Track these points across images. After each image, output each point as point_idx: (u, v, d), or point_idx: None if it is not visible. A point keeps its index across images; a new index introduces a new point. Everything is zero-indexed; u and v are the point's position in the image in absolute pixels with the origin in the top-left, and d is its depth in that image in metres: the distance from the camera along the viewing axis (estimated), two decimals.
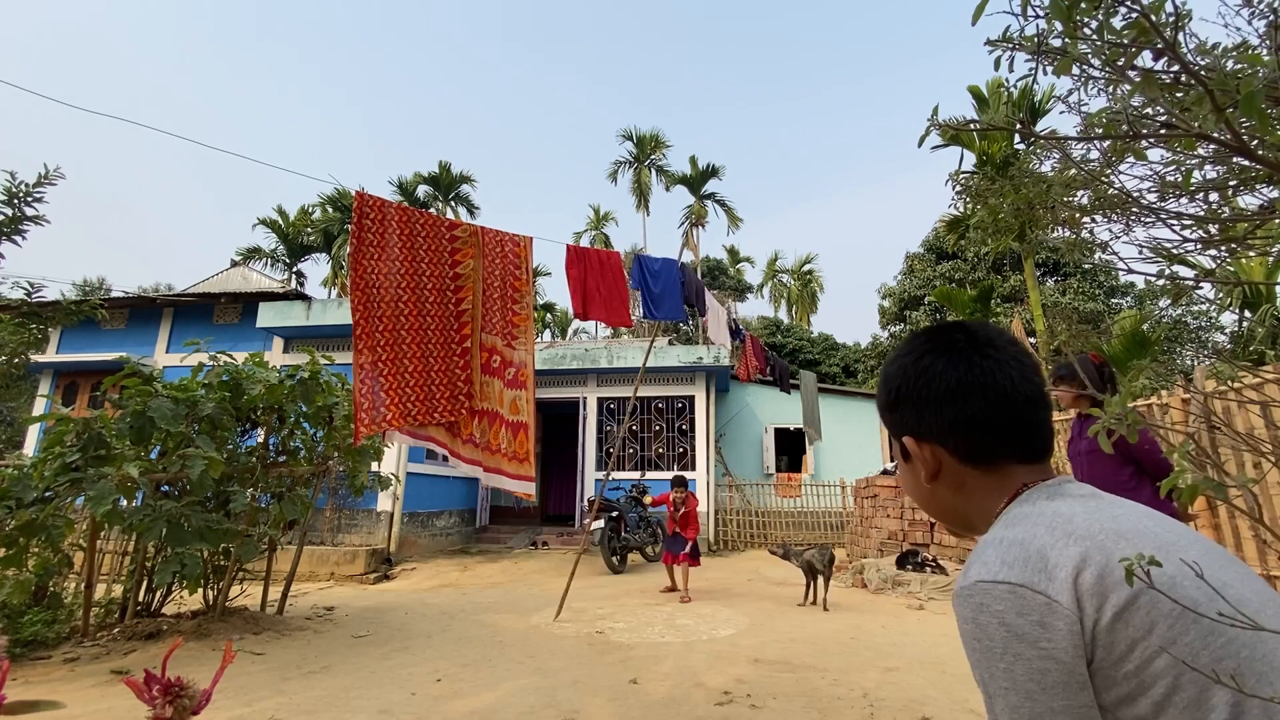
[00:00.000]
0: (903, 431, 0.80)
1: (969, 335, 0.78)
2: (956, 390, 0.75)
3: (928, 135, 1.38)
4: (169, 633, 4.23)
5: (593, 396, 12.34)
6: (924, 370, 0.77)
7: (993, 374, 0.74)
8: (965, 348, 0.77)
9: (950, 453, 0.76)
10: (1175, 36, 0.94)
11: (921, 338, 0.82)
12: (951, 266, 21.20)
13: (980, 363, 0.75)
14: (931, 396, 0.76)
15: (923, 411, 0.77)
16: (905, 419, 0.79)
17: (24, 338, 5.56)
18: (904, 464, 0.83)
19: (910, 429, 0.79)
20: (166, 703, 1.06)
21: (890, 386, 0.82)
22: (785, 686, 3.35)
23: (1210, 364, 12.20)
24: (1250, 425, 4.12)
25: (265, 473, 4.83)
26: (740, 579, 7.85)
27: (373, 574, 8.52)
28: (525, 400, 4.48)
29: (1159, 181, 1.26)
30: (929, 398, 0.76)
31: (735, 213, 31.83)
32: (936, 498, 0.80)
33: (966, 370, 0.75)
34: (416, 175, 30.06)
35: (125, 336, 11.50)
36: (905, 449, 0.80)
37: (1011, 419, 0.73)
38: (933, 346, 0.79)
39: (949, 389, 0.75)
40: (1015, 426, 0.74)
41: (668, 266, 5.79)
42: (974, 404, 0.74)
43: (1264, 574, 4.13)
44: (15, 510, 3.67)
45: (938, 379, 0.76)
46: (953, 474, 0.76)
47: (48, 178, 4.70)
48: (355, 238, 3.76)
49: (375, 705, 3.09)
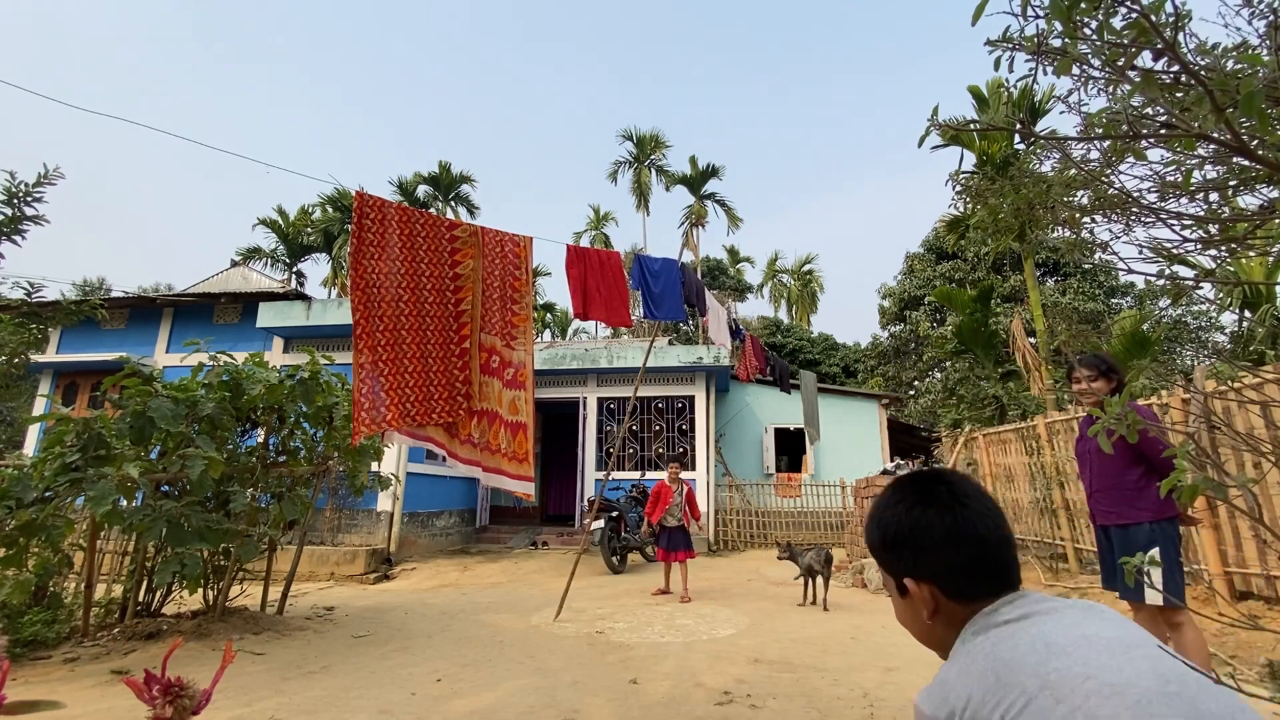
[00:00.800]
0: (902, 573, 0.91)
1: (949, 487, 0.91)
2: (946, 539, 0.87)
3: (928, 135, 1.38)
4: (169, 633, 4.23)
5: (593, 396, 12.34)
6: (916, 520, 0.90)
7: (974, 524, 0.87)
8: (948, 500, 0.90)
9: (941, 591, 0.87)
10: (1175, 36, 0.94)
11: (909, 488, 0.94)
12: (951, 266, 21.20)
13: (963, 514, 0.88)
14: (927, 543, 0.88)
15: (919, 556, 0.89)
16: (903, 561, 0.91)
17: (24, 338, 5.56)
18: (901, 600, 0.93)
19: (909, 571, 0.90)
20: (166, 703, 1.06)
21: (887, 532, 0.93)
22: (785, 686, 3.35)
23: (1210, 364, 12.20)
24: (1250, 425, 4.12)
25: (265, 473, 4.83)
26: (740, 579, 7.85)
27: (373, 574, 8.52)
28: (524, 400, 4.48)
29: (1159, 181, 1.26)
30: (924, 544, 0.88)
31: (735, 213, 31.85)
32: (935, 632, 0.90)
33: (953, 521, 0.88)
34: (416, 175, 30.07)
35: (125, 336, 11.50)
36: (902, 587, 0.91)
37: (993, 561, 0.87)
38: (920, 499, 0.92)
39: (941, 537, 0.87)
40: (995, 567, 0.86)
41: (668, 266, 5.79)
42: (963, 550, 0.87)
43: (1264, 574, 4.13)
44: (15, 510, 3.67)
45: (931, 529, 0.88)
46: (944, 610, 0.88)
47: (47, 178, 4.69)
48: (355, 238, 3.76)
49: (375, 705, 3.09)
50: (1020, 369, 12.06)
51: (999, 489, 7.88)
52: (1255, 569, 4.19)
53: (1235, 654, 3.80)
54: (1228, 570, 4.38)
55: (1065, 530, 6.45)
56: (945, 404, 17.39)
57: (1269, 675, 3.32)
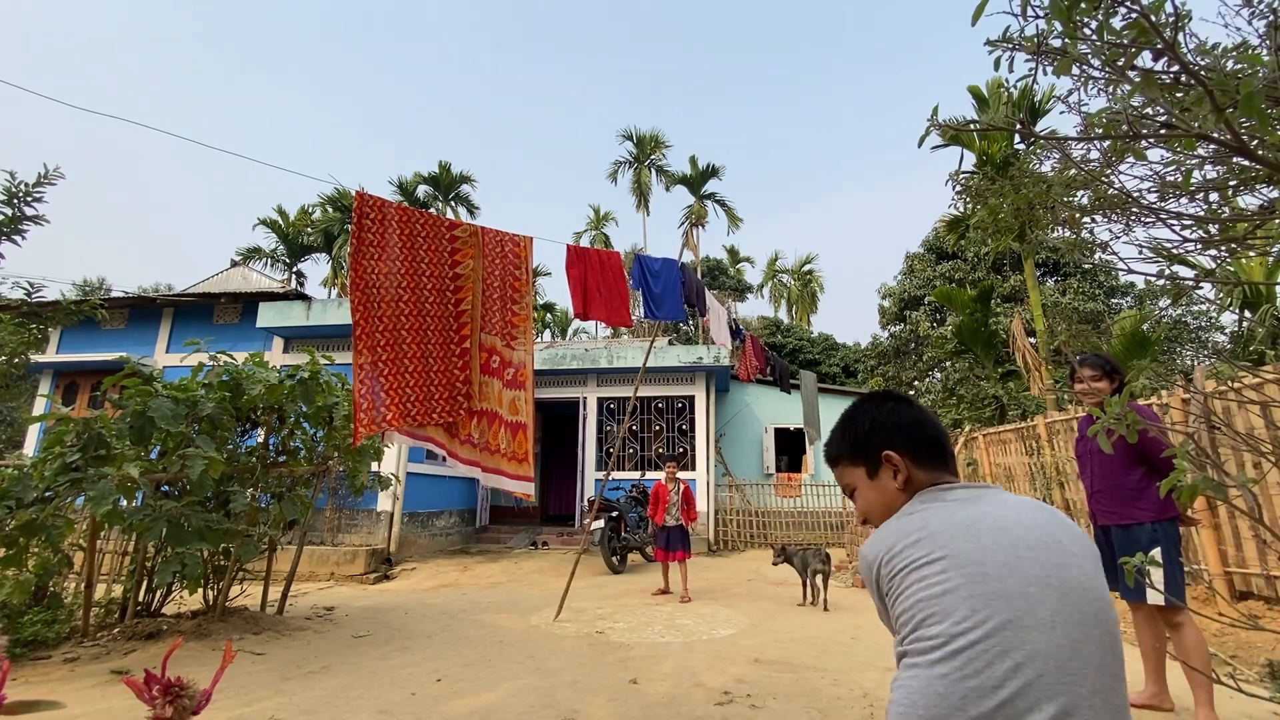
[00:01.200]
0: (880, 449, 1.11)
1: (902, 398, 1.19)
2: (913, 423, 1.13)
3: (928, 135, 1.38)
4: (169, 633, 4.23)
5: (593, 396, 12.34)
6: (889, 413, 1.15)
7: (928, 415, 1.15)
8: (906, 401, 1.17)
9: (910, 459, 1.09)
10: (1175, 37, 0.94)
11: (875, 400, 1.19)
12: (951, 266, 21.19)
13: (919, 409, 1.16)
14: (900, 425, 1.12)
15: (894, 434, 1.12)
16: (878, 443, 1.12)
17: (24, 338, 5.56)
18: (869, 483, 1.14)
19: (885, 445, 1.11)
20: (166, 703, 1.06)
21: (861, 428, 1.15)
22: (785, 686, 3.35)
23: (1210, 364, 12.19)
24: (1250, 425, 4.12)
25: (265, 473, 4.83)
26: (740, 579, 7.85)
27: (373, 574, 8.52)
28: (524, 400, 4.48)
29: (1159, 181, 1.26)
30: (897, 425, 1.12)
31: (735, 213, 31.84)
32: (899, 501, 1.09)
33: (916, 411, 1.15)
34: (416, 175, 30.06)
35: (125, 336, 11.50)
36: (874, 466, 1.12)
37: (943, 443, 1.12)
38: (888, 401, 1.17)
39: (909, 422, 1.13)
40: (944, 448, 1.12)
41: (668, 266, 5.79)
42: (924, 431, 1.12)
43: (1264, 574, 4.13)
44: (15, 510, 3.67)
45: (901, 415, 1.14)
46: (912, 477, 1.09)
47: (47, 178, 4.69)
48: (355, 238, 3.76)
49: (375, 705, 3.09)
50: (1020, 369, 12.07)
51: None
52: (1255, 569, 4.20)
53: (1235, 654, 3.80)
54: (1228, 570, 4.38)
55: None
56: (945, 404, 17.38)
57: (1269, 675, 3.32)
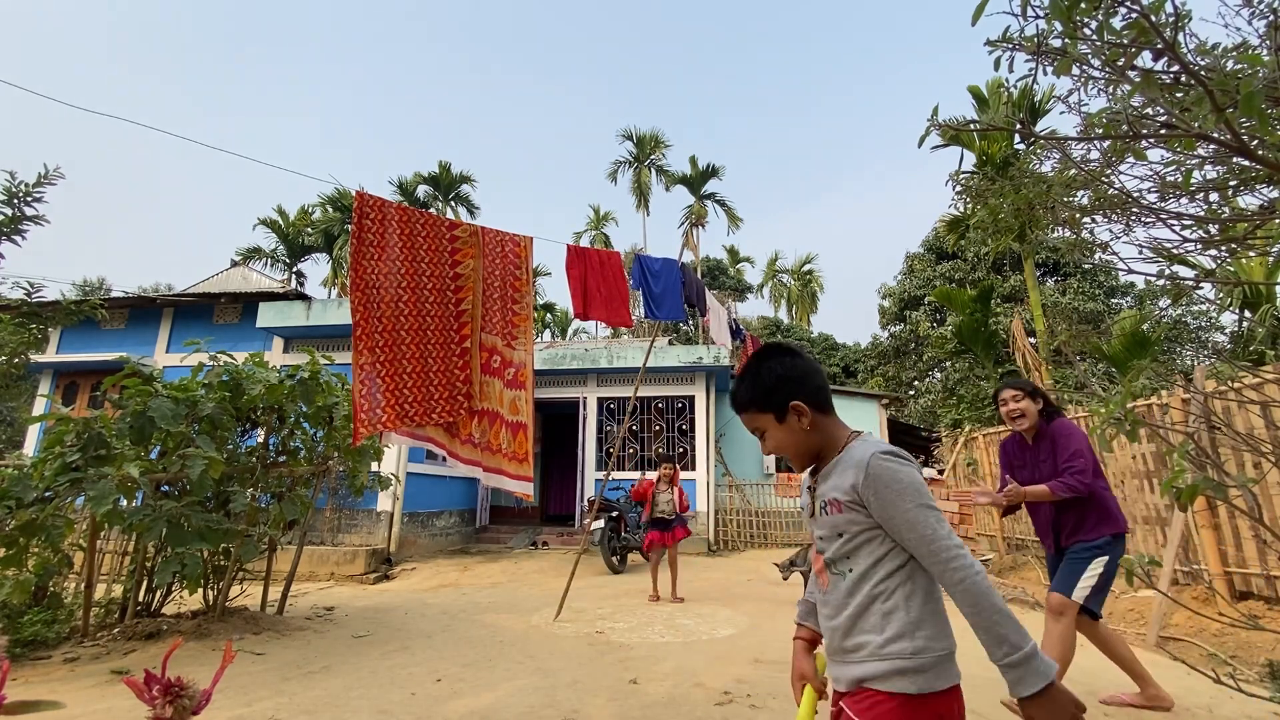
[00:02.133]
0: (791, 399, 1.27)
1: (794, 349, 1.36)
2: (812, 372, 1.31)
3: (928, 135, 1.38)
4: (169, 633, 4.23)
5: (593, 396, 12.34)
6: (791, 365, 1.31)
7: (817, 365, 1.34)
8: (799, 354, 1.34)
9: (813, 407, 1.27)
10: (1175, 37, 0.94)
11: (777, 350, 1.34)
12: (951, 266, 21.19)
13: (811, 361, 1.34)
14: (803, 375, 1.29)
15: (799, 385, 1.27)
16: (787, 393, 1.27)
17: (24, 338, 5.56)
18: (779, 425, 1.29)
19: (793, 396, 1.27)
20: (166, 703, 1.06)
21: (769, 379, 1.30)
22: (785, 686, 3.35)
23: (1210, 364, 12.18)
24: (1250, 425, 4.12)
25: (265, 473, 4.83)
26: (740, 579, 7.85)
27: (373, 574, 8.52)
28: (525, 400, 4.48)
29: (1159, 181, 1.26)
30: (801, 376, 1.28)
31: (735, 213, 31.84)
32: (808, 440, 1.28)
33: (808, 363, 1.32)
34: (416, 175, 30.05)
35: (125, 336, 11.50)
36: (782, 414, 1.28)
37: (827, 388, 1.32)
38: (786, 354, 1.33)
39: (808, 371, 1.30)
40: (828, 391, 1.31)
41: (668, 266, 5.79)
42: (819, 379, 1.31)
43: (1264, 574, 4.13)
44: (15, 510, 3.67)
45: (801, 367, 1.30)
46: (815, 421, 1.27)
47: (47, 178, 4.70)
48: (355, 238, 3.76)
49: (375, 705, 3.09)
50: (1020, 369, 12.06)
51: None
52: (1255, 569, 4.20)
53: (1235, 654, 3.80)
54: (1228, 570, 4.38)
55: None
56: (945, 404, 17.38)
57: (1269, 675, 3.32)
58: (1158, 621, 4.28)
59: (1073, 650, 2.81)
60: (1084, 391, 12.48)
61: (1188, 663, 3.09)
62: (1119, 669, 2.96)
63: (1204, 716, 2.88)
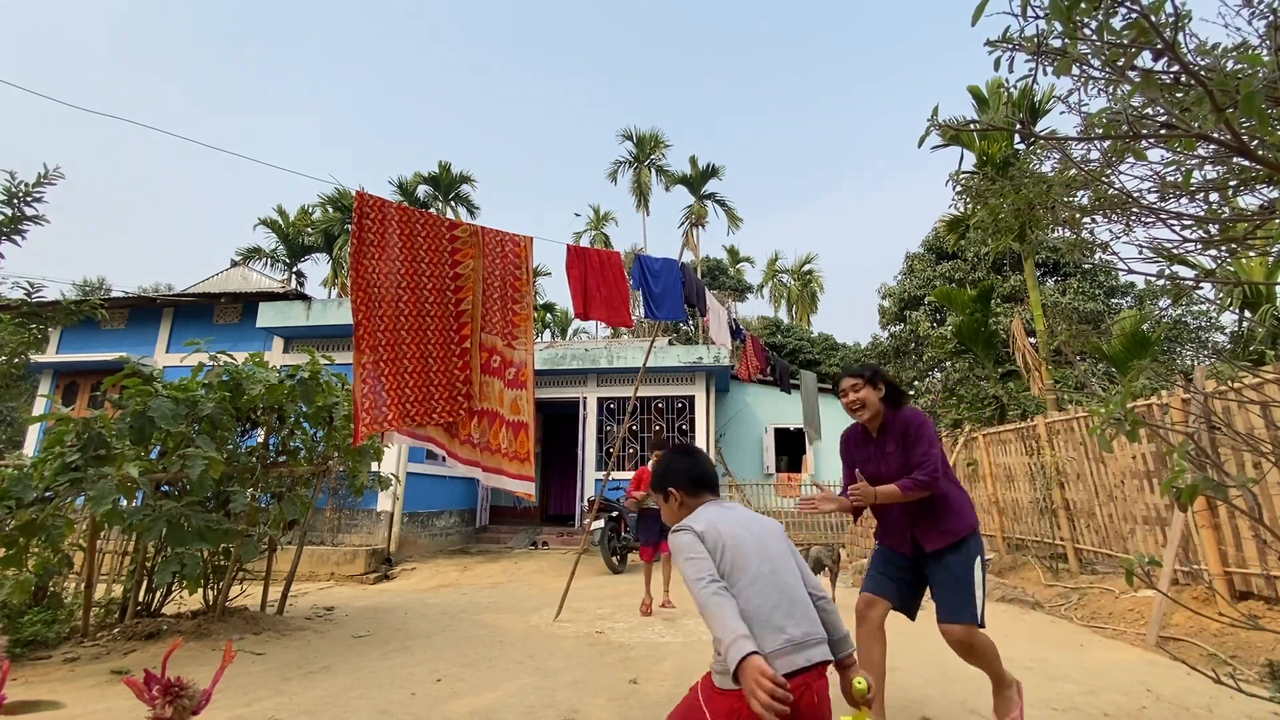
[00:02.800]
0: (668, 486, 1.82)
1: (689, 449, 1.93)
2: (689, 470, 1.83)
3: (928, 135, 1.38)
4: (169, 633, 4.22)
5: (593, 396, 12.34)
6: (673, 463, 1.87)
7: (702, 464, 1.86)
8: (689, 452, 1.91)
9: (685, 493, 1.80)
10: (1175, 37, 0.94)
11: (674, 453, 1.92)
12: (951, 266, 21.18)
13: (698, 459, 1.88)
14: (681, 471, 1.83)
15: (676, 477, 1.82)
16: (669, 480, 1.83)
17: (24, 338, 5.56)
18: (665, 504, 1.84)
19: (674, 484, 1.82)
20: (166, 703, 1.07)
21: (665, 470, 1.86)
22: None
23: (1210, 364, 12.19)
24: (1250, 425, 4.12)
25: (265, 473, 4.83)
26: None
27: (373, 574, 8.52)
28: (525, 400, 4.48)
29: (1159, 181, 1.26)
30: (678, 471, 1.84)
31: (735, 213, 31.84)
32: (679, 515, 1.75)
33: (694, 463, 1.85)
34: (416, 175, 30.04)
35: (125, 336, 11.51)
36: (667, 495, 1.83)
37: (708, 480, 1.83)
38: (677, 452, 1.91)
39: (687, 468, 1.84)
40: (708, 483, 1.82)
41: (668, 266, 5.79)
42: (693, 472, 1.83)
43: (1264, 574, 4.13)
44: (15, 510, 3.66)
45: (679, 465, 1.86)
46: (685, 502, 1.79)
47: (47, 178, 4.70)
48: (355, 238, 3.76)
49: (375, 705, 3.09)
50: (1020, 369, 12.06)
51: (999, 489, 7.88)
52: (1255, 569, 4.19)
53: (1235, 654, 3.80)
54: (1228, 570, 4.38)
55: (1065, 530, 6.45)
56: (945, 404, 17.36)
57: (1269, 675, 3.32)
58: (1158, 621, 4.28)
59: (999, 657, 2.52)
60: (1084, 391, 12.48)
61: (1188, 663, 3.09)
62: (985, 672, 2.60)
63: (1204, 716, 2.88)
